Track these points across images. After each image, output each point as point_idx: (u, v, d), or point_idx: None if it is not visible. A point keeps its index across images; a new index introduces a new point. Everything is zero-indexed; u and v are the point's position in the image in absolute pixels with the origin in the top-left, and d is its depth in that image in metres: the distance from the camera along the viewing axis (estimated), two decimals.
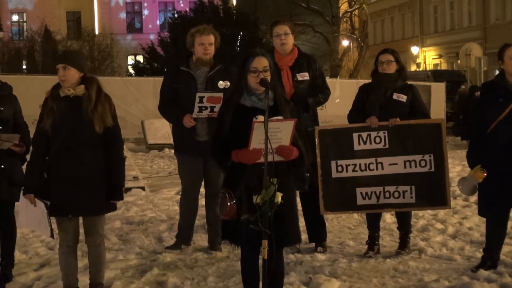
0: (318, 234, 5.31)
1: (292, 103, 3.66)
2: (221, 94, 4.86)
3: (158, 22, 38.28)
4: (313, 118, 5.18)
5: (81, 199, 3.79)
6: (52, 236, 3.83)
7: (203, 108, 4.93)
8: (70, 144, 3.77)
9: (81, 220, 3.97)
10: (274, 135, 3.29)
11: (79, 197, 3.78)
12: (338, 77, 25.04)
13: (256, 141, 3.27)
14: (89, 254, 4.03)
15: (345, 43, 34.20)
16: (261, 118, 3.29)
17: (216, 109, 4.83)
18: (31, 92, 10.93)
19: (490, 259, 4.62)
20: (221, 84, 5.02)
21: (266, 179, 3.27)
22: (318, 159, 4.94)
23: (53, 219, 3.82)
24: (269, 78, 3.40)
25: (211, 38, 5.11)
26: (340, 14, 33.07)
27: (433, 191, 4.90)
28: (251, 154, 3.30)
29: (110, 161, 3.83)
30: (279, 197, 3.29)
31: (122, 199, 3.96)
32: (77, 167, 3.76)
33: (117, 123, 3.91)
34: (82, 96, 3.82)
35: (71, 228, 3.92)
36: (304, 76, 5.11)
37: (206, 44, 5.06)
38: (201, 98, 4.90)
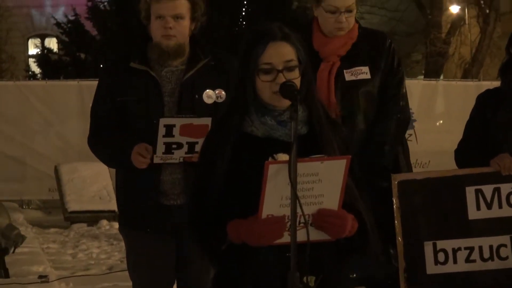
0: None
1: (343, 127, 3.74)
2: (208, 120, 4.91)
3: None
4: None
5: None
6: None
7: (174, 146, 5.01)
8: None
9: None
10: (309, 189, 3.35)
11: None
12: (441, 77, 25.13)
13: (273, 202, 3.32)
14: None
15: (454, 9, 34.33)
16: (282, 157, 3.37)
17: (199, 148, 4.87)
18: None
19: None
20: (209, 95, 5.08)
21: (295, 278, 3.32)
22: (399, 238, 5.00)
23: None
24: (297, 82, 3.48)
25: (179, 5, 5.08)
26: None
27: None
28: (264, 227, 3.35)
29: None
30: None
31: None
32: None
33: None
34: None
35: None
36: (358, 72, 5.23)
37: (167, 17, 5.07)
38: (168, 128, 4.94)
